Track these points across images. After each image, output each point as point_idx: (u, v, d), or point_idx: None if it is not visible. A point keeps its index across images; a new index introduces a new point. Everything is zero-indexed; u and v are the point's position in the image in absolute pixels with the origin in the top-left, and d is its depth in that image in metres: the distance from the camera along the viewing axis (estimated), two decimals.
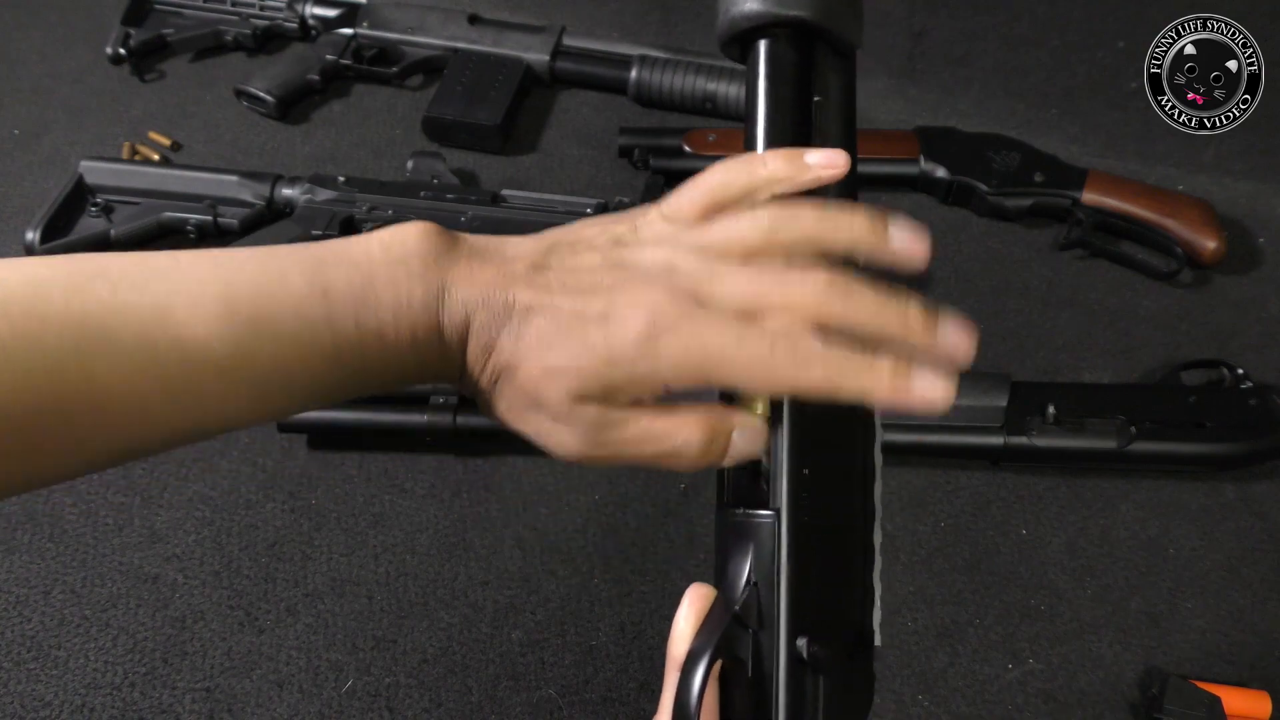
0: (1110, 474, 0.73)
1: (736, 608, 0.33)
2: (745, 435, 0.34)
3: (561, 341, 0.33)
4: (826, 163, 0.34)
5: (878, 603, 0.34)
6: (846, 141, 0.36)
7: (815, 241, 0.33)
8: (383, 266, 0.34)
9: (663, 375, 0.32)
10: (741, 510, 0.34)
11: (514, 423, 0.36)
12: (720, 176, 0.34)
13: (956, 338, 0.33)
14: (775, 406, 0.34)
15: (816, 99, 0.36)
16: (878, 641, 0.34)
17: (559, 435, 0.35)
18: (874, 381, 0.32)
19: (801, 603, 0.32)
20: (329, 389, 0.34)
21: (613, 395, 0.33)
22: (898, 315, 0.33)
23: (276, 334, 0.32)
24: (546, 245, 0.35)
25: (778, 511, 0.33)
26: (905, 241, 0.34)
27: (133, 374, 0.31)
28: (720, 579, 0.34)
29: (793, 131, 0.36)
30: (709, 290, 0.32)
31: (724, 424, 0.34)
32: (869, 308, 0.32)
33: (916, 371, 0.32)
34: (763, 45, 0.36)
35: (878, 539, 0.35)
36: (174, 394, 0.32)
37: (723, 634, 0.32)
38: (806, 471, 0.33)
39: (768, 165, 0.34)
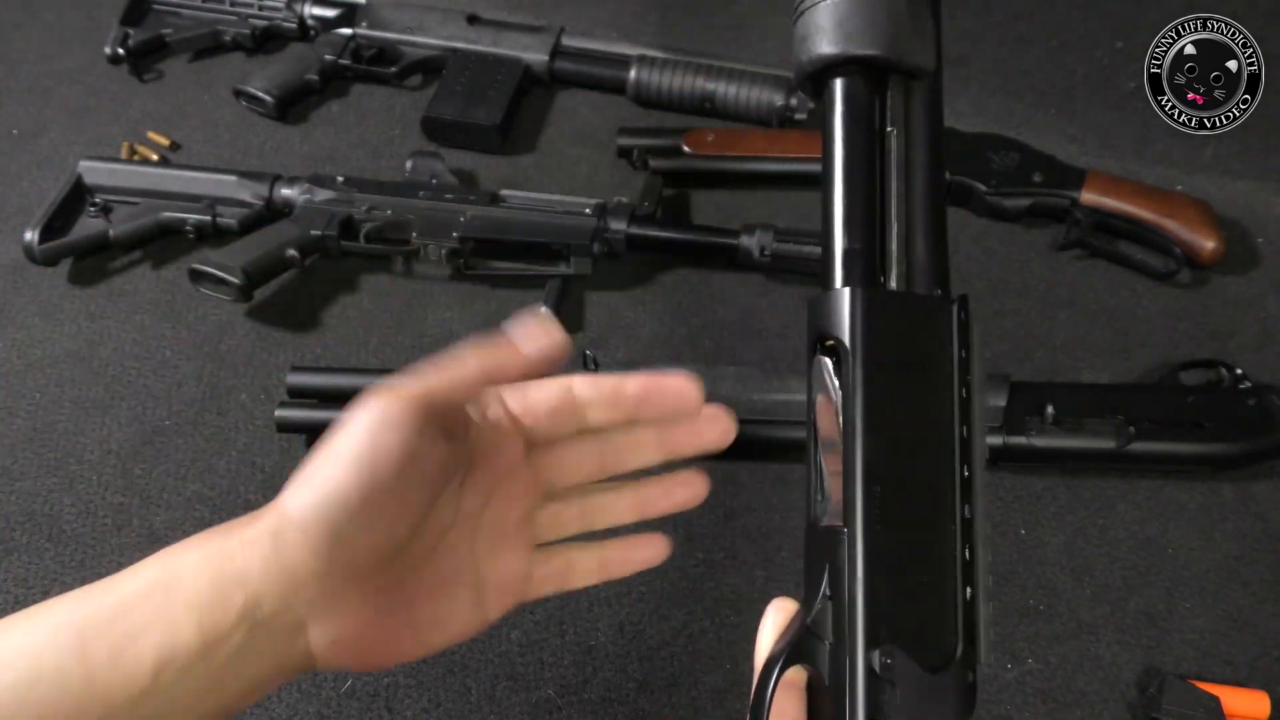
0: (1109, 474, 0.73)
1: (809, 620, 0.33)
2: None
3: None
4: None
5: (982, 616, 0.34)
6: (929, 161, 0.37)
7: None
8: (148, 603, 0.32)
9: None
10: (818, 525, 0.35)
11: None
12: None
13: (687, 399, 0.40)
14: (847, 418, 0.34)
15: (890, 129, 0.37)
16: (981, 656, 0.34)
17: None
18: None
19: (875, 616, 0.33)
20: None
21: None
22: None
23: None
24: None
25: (851, 526, 0.33)
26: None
27: None
28: (806, 592, 0.35)
29: (864, 163, 0.37)
30: None
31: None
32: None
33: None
34: (836, 84, 0.37)
35: (981, 553, 0.35)
36: None
37: (792, 644, 0.33)
38: (879, 489, 0.33)
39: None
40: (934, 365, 0.35)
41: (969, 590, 0.34)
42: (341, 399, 0.73)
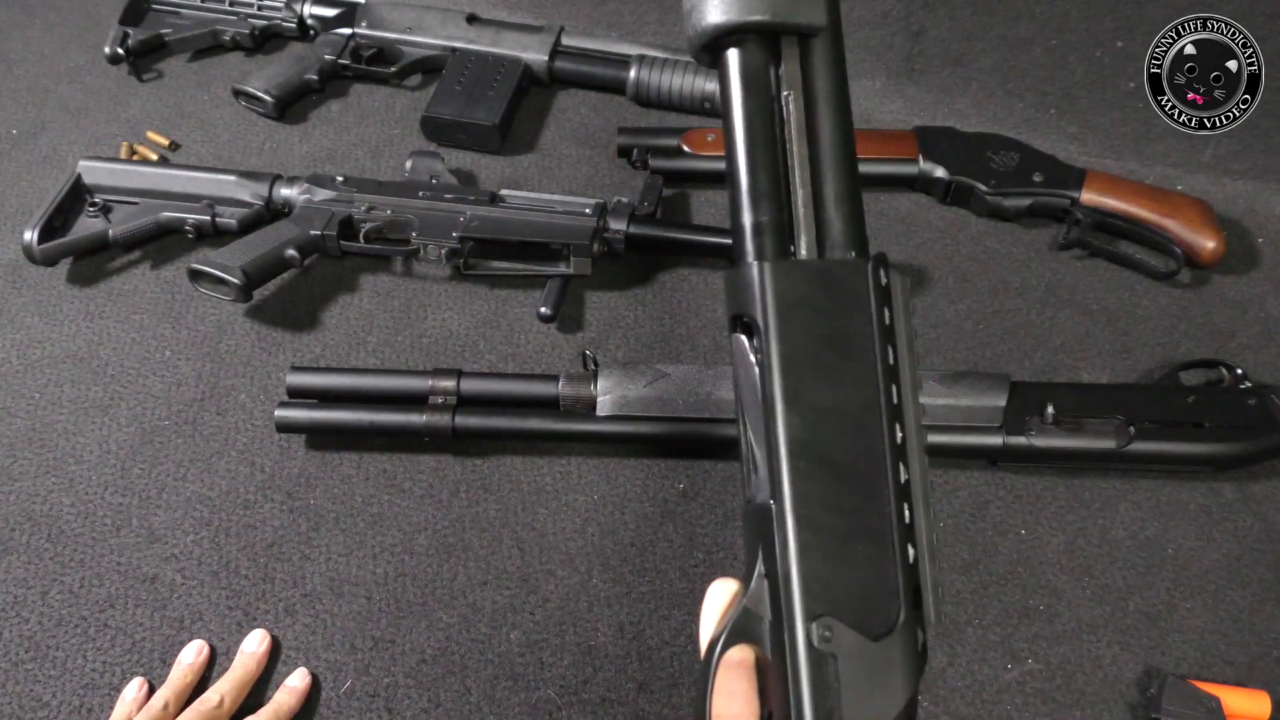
0: (1109, 474, 0.73)
1: (745, 600, 0.34)
2: None
3: None
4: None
5: (929, 576, 0.34)
6: (834, 122, 0.36)
7: None
8: None
9: None
10: (752, 503, 0.35)
11: None
12: None
13: None
14: (766, 394, 0.34)
15: (787, 94, 0.36)
16: (932, 616, 0.34)
17: None
18: None
19: (810, 590, 0.33)
20: None
21: None
22: None
23: None
24: None
25: (779, 502, 0.33)
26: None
27: None
28: (745, 571, 0.35)
29: (765, 132, 0.36)
30: None
31: None
32: None
33: None
34: (729, 54, 0.36)
35: (923, 514, 0.35)
36: None
37: (733, 624, 0.33)
38: (802, 463, 0.33)
39: None
40: (855, 330, 0.35)
41: (911, 551, 0.34)
42: (341, 399, 0.74)
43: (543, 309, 0.80)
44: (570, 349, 0.81)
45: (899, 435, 0.35)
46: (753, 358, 0.35)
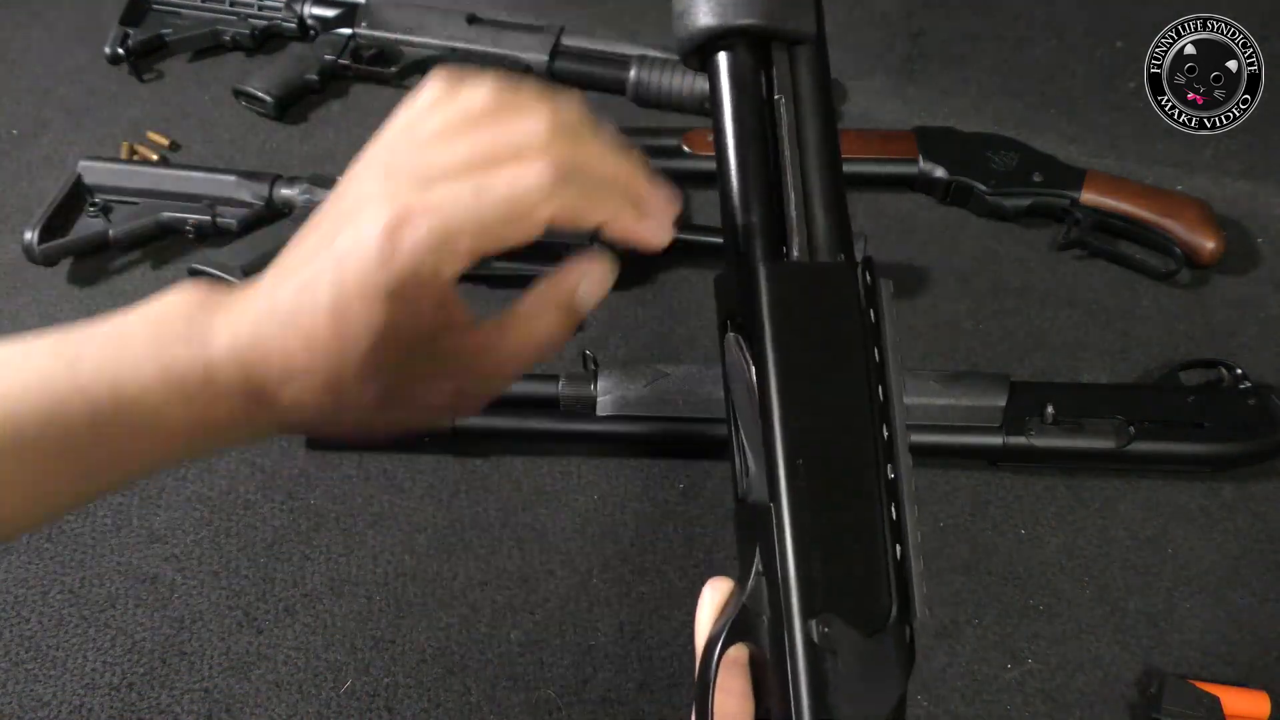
0: (1109, 474, 0.73)
1: (745, 598, 0.34)
2: (589, 282, 0.37)
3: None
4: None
5: (915, 572, 0.35)
6: (821, 127, 0.37)
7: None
8: (139, 328, 0.33)
9: (419, 266, 0.32)
10: (744, 503, 0.35)
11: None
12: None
13: (668, 199, 0.36)
14: (763, 395, 0.34)
15: (779, 98, 0.37)
16: (918, 612, 0.34)
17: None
18: (612, 214, 0.34)
19: (809, 587, 0.33)
20: (101, 468, 0.33)
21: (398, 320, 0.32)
22: (623, 164, 0.35)
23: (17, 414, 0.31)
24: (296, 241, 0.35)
25: (777, 501, 0.33)
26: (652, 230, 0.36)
27: None
28: (740, 569, 0.35)
29: (756, 135, 0.37)
30: (428, 166, 0.32)
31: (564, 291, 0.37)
32: (597, 152, 0.35)
33: (643, 214, 0.35)
34: (720, 58, 0.37)
35: (909, 511, 0.35)
36: None
37: (731, 622, 0.33)
38: (801, 461, 0.34)
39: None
40: (843, 331, 0.35)
41: (899, 549, 0.35)
42: None
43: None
44: (570, 349, 0.81)
45: (886, 433, 0.35)
46: (746, 358, 0.35)
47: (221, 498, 0.71)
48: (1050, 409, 0.70)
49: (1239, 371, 0.75)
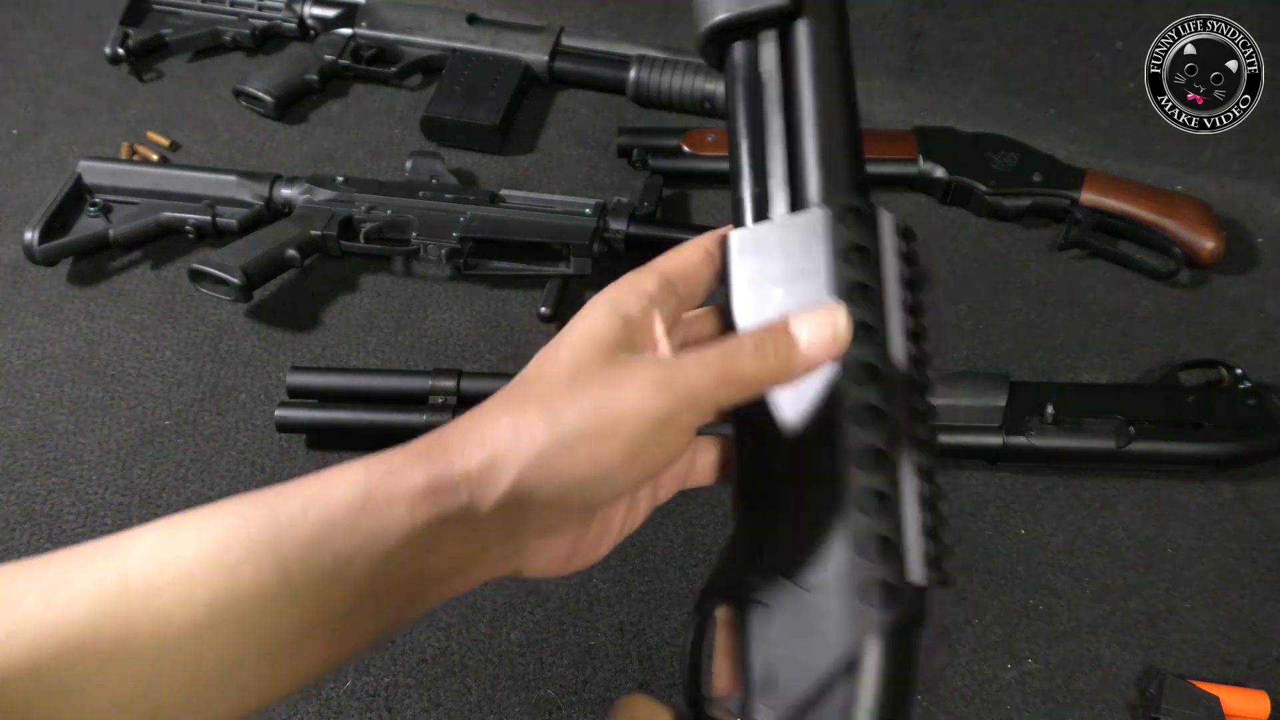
0: (1108, 474, 0.73)
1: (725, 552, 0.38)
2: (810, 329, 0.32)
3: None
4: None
5: (905, 533, 0.34)
6: (843, 99, 0.36)
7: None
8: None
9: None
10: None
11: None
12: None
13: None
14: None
15: (765, 69, 0.37)
16: (914, 573, 0.34)
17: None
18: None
19: (752, 541, 0.36)
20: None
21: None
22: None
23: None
24: None
25: (736, 473, 0.37)
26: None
27: None
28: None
29: (749, 115, 0.37)
30: None
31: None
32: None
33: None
34: (734, 46, 0.37)
35: (904, 470, 0.34)
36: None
37: (711, 576, 0.37)
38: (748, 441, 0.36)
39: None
40: (809, 276, 0.34)
41: (876, 504, 0.34)
42: (342, 399, 0.74)
43: (543, 309, 0.80)
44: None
45: (860, 394, 0.33)
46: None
47: (221, 497, 0.71)
48: (1050, 409, 0.70)
49: (1238, 371, 0.75)
